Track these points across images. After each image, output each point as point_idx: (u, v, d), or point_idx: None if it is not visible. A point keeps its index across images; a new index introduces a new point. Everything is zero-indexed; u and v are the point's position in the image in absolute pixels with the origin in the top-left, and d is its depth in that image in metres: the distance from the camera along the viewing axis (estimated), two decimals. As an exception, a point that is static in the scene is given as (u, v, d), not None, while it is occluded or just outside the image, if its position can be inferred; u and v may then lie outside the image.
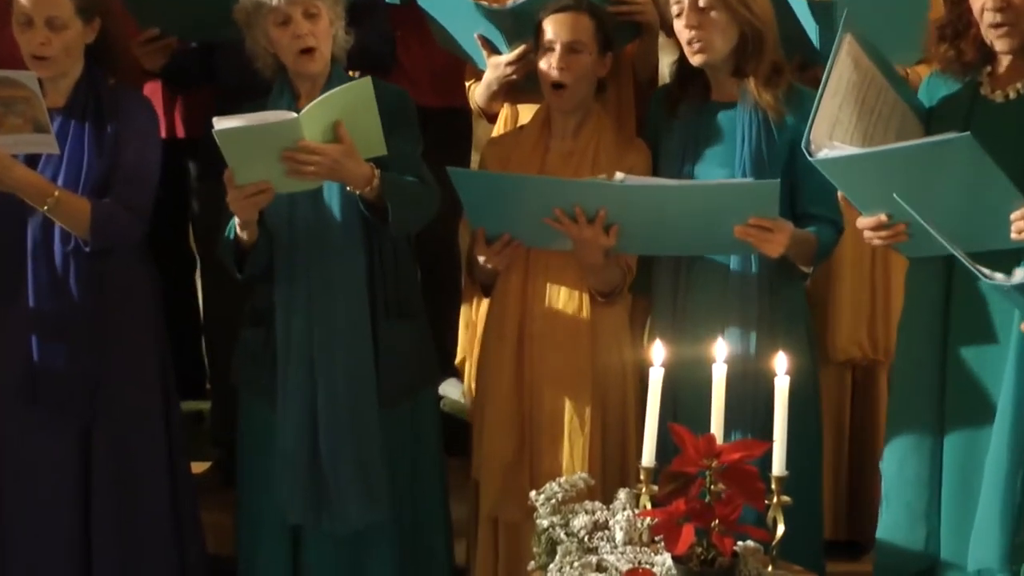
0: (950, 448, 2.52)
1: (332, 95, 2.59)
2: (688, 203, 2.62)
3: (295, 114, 2.56)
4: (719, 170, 2.75)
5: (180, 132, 3.52)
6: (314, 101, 2.59)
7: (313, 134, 2.58)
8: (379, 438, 2.83)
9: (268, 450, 2.87)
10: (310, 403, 2.81)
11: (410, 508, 2.93)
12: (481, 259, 2.83)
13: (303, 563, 2.91)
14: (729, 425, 2.39)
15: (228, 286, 2.97)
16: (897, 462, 2.59)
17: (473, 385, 3.25)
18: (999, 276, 2.26)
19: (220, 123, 2.55)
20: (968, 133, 2.26)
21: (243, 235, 2.76)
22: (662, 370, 2.37)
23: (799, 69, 2.93)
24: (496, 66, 3.04)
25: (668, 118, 2.84)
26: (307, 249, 2.80)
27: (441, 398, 3.87)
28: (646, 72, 3.17)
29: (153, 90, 3.38)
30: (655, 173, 2.82)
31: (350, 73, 2.99)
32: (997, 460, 2.42)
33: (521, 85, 3.04)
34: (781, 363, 2.32)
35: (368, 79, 2.58)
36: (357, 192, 2.70)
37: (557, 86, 2.82)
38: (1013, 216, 2.29)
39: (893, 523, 2.58)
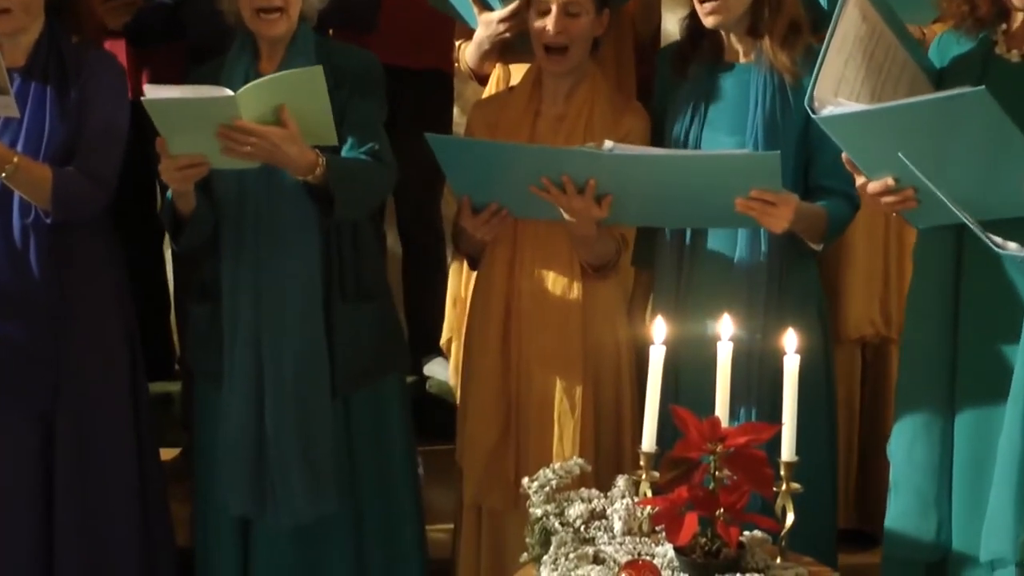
0: (961, 430, 2.49)
1: (276, 78, 2.56)
2: (682, 175, 2.57)
3: (231, 92, 2.52)
4: (728, 137, 2.70)
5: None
6: (255, 81, 2.55)
7: (254, 114, 2.54)
8: (330, 428, 2.80)
9: (218, 436, 2.85)
10: (256, 388, 2.78)
11: (377, 499, 2.91)
12: (468, 230, 2.78)
13: (253, 557, 2.89)
14: (733, 409, 2.37)
15: (196, 257, 2.92)
16: (906, 446, 2.56)
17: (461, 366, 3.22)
18: (1012, 246, 2.23)
19: (151, 92, 2.52)
20: (983, 87, 2.21)
21: (179, 205, 2.71)
22: (663, 349, 2.34)
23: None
24: (488, 23, 2.99)
25: (676, 79, 2.79)
26: (256, 222, 2.76)
27: (426, 379, 3.86)
28: (648, 30, 3.12)
29: (116, 50, 3.30)
30: (661, 137, 2.78)
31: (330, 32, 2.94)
32: (1010, 442, 2.38)
33: (514, 44, 2.99)
34: (791, 341, 2.29)
35: (319, 68, 2.54)
36: (299, 178, 2.65)
37: (552, 50, 2.76)
38: None
39: (902, 511, 2.55)
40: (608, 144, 2.56)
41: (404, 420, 2.97)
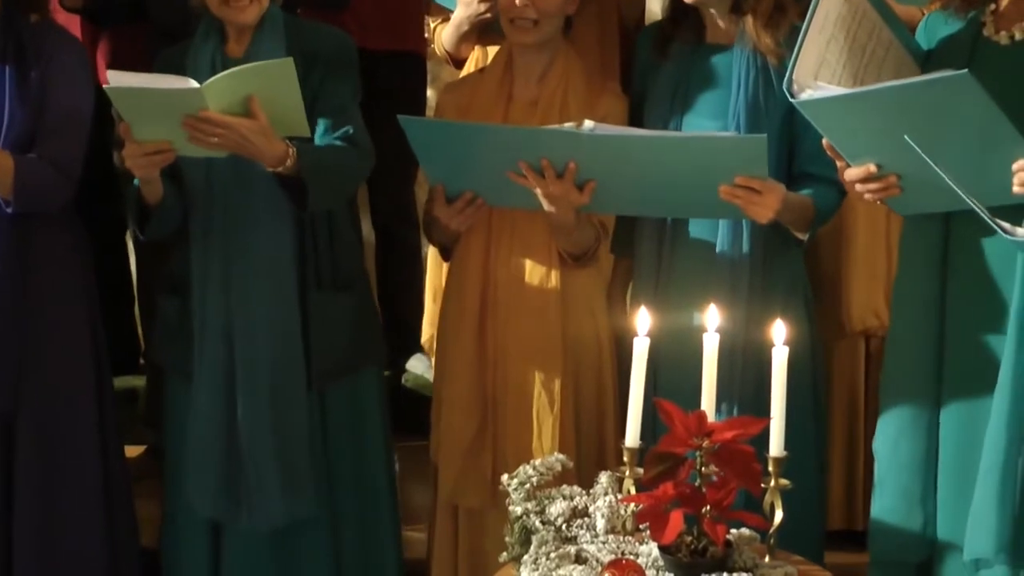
0: (947, 426, 2.48)
1: (245, 70, 2.53)
2: (665, 158, 2.55)
3: (196, 84, 2.49)
4: (710, 121, 2.68)
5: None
6: (223, 73, 2.52)
7: (221, 104, 2.52)
8: (306, 425, 2.77)
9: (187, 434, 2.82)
10: (227, 383, 2.75)
11: (353, 499, 2.89)
12: (441, 219, 2.75)
13: (224, 559, 2.86)
14: (717, 404, 2.35)
15: (165, 247, 2.89)
16: (890, 443, 2.55)
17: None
18: (1021, 231, 2.21)
19: (115, 78, 2.50)
20: (967, 71, 2.19)
21: (145, 193, 2.68)
22: (647, 340, 2.32)
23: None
24: (468, 3, 2.98)
25: (657, 60, 2.76)
26: (225, 210, 2.73)
27: (402, 372, 3.84)
28: (633, 14, 3.12)
29: (70, 26, 3.25)
30: (641, 121, 2.75)
31: (298, 12, 2.90)
32: (995, 438, 2.38)
33: (493, 26, 2.95)
34: (779, 333, 2.27)
35: (290, 60, 2.51)
36: (269, 169, 2.63)
37: (519, 22, 2.73)
38: (1016, 167, 2.24)
39: (887, 510, 2.54)
40: (588, 124, 2.53)
41: (382, 416, 2.95)
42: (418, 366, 3.78)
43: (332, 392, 2.84)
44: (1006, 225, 2.20)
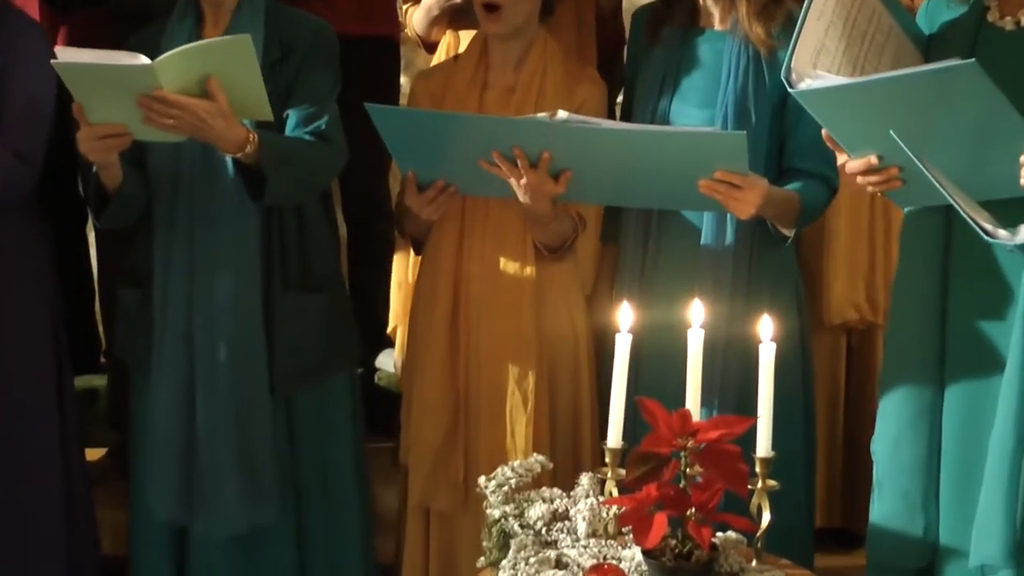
0: (950, 427, 2.46)
1: (199, 47, 2.50)
2: (641, 151, 2.54)
3: (147, 60, 2.45)
4: (698, 110, 2.67)
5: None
6: (176, 49, 2.49)
7: (177, 84, 2.48)
8: (269, 431, 2.75)
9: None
10: (187, 381, 2.73)
11: (321, 508, 2.87)
12: (412, 208, 2.73)
13: (188, 565, 2.84)
14: (701, 402, 2.32)
15: (128, 239, 2.86)
16: (890, 444, 2.53)
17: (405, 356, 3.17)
18: (1003, 234, 2.21)
19: (63, 55, 2.47)
20: (973, 60, 2.18)
21: (104, 178, 2.65)
22: (630, 337, 2.30)
23: None
24: None
25: (648, 43, 2.75)
26: (191, 201, 2.71)
27: (375, 371, 3.82)
28: (609, 1, 3.11)
29: (27, 7, 3.23)
30: (630, 105, 2.75)
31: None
32: (1001, 440, 2.36)
33: (466, 9, 2.93)
34: (766, 329, 2.26)
35: (247, 37, 2.48)
36: (228, 156, 2.60)
37: (490, 7, 2.71)
38: (1023, 158, 2.22)
39: (887, 514, 2.53)
40: (562, 114, 2.52)
41: (353, 424, 2.92)
42: (389, 363, 3.76)
43: (299, 398, 2.81)
44: (987, 227, 2.19)
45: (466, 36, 3.03)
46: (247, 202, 2.67)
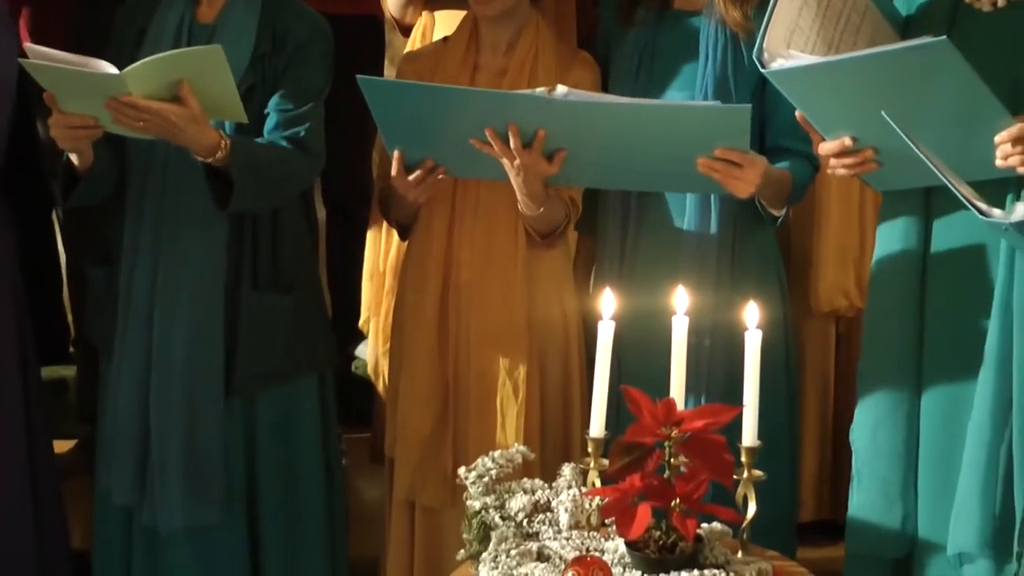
0: (928, 414, 2.49)
1: (170, 57, 2.51)
2: (642, 127, 2.54)
3: (115, 71, 2.46)
4: (677, 93, 2.69)
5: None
6: (145, 60, 2.49)
7: (147, 89, 2.50)
8: (219, 430, 2.75)
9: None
10: (144, 369, 2.74)
11: (281, 507, 2.85)
12: (398, 189, 2.73)
13: (132, 556, 2.84)
14: (685, 391, 2.34)
15: (97, 220, 2.87)
16: (869, 432, 2.56)
17: (382, 350, 3.17)
18: (997, 212, 2.23)
19: (33, 53, 2.48)
20: (944, 37, 2.20)
21: (74, 159, 2.65)
22: (612, 324, 2.32)
23: None
24: None
25: (622, 25, 2.76)
26: (162, 189, 2.71)
27: (352, 359, 3.82)
28: None
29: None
30: (605, 89, 2.75)
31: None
32: (979, 428, 2.40)
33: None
34: (752, 316, 2.28)
35: (219, 48, 2.48)
36: (199, 159, 2.60)
37: None
38: (998, 139, 2.25)
39: (866, 502, 2.56)
40: (562, 89, 2.52)
41: (320, 424, 2.89)
42: (367, 352, 3.77)
43: (262, 401, 2.80)
44: (983, 206, 2.21)
45: (442, 18, 3.04)
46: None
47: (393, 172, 2.69)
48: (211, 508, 2.76)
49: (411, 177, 2.68)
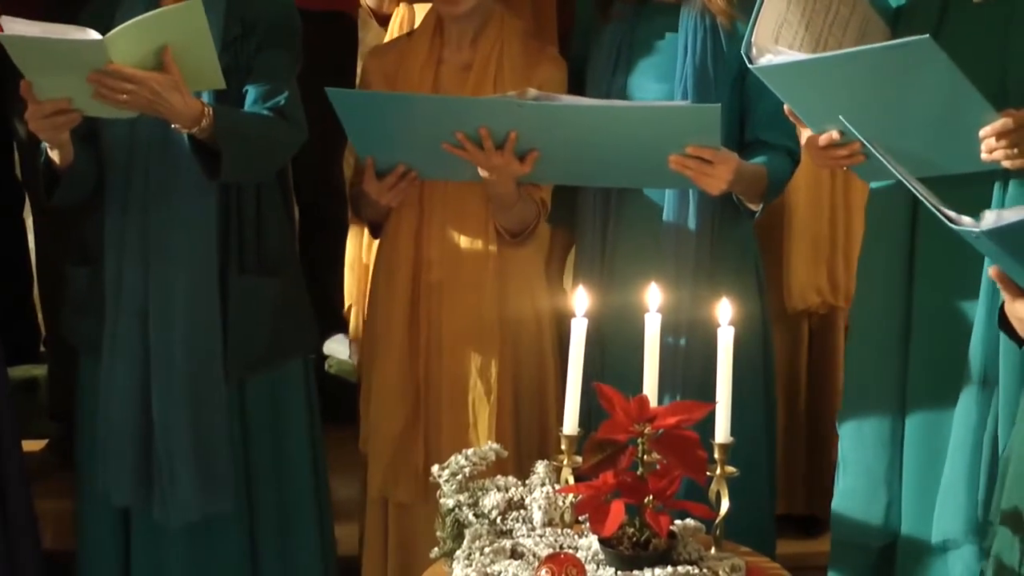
0: (914, 403, 2.53)
1: (151, 17, 2.51)
2: (612, 127, 2.58)
3: (98, 36, 2.47)
4: (656, 84, 2.71)
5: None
6: (127, 23, 2.50)
7: (129, 57, 2.50)
8: (226, 416, 2.78)
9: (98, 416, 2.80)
10: (143, 365, 2.75)
11: (272, 497, 2.89)
12: (371, 194, 2.76)
13: (132, 556, 2.86)
14: (662, 387, 2.38)
15: (72, 217, 2.86)
16: (855, 421, 2.60)
17: (361, 338, 3.19)
18: (967, 220, 2.24)
19: (9, 26, 2.47)
20: (927, 36, 2.24)
21: (55, 156, 2.66)
22: (586, 321, 2.34)
23: None
24: None
25: (599, 19, 2.78)
26: (146, 178, 2.72)
27: (325, 358, 3.84)
28: None
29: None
30: (581, 84, 2.78)
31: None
32: (965, 416, 2.44)
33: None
34: (725, 312, 2.30)
35: (198, 2, 2.49)
36: (184, 131, 2.61)
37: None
38: (982, 133, 2.28)
39: (850, 490, 2.60)
40: (532, 92, 2.55)
41: (307, 410, 2.94)
42: (338, 349, 3.78)
43: (251, 384, 2.83)
44: (951, 214, 2.21)
45: (421, 9, 3.02)
46: (204, 181, 2.68)
47: (365, 180, 2.72)
48: (223, 497, 2.78)
49: (383, 182, 2.71)
